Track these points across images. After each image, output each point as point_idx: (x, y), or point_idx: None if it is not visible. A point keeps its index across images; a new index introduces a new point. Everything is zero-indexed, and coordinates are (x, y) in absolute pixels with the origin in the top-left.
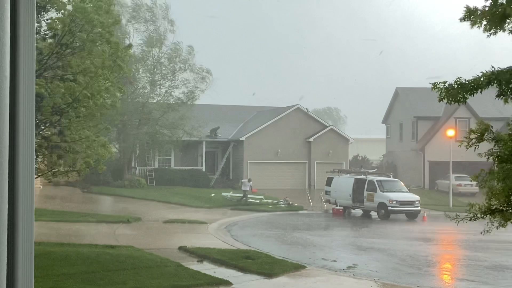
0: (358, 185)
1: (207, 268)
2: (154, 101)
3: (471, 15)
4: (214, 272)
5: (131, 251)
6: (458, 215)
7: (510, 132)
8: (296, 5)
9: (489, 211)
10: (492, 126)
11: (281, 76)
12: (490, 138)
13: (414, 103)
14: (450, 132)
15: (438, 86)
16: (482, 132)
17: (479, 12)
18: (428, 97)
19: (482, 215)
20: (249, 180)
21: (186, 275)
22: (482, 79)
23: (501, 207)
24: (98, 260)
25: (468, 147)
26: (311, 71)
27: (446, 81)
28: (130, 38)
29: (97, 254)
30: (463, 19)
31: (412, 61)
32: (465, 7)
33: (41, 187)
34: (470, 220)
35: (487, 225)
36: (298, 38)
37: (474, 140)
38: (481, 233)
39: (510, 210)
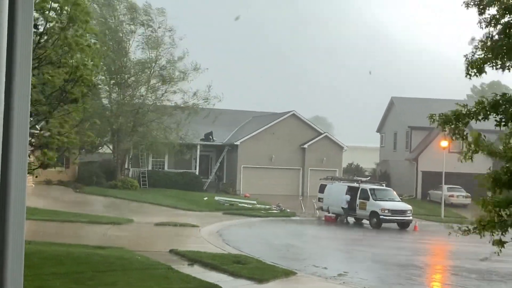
0: (351, 193)
1: (198, 272)
2: (150, 104)
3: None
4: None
5: (121, 252)
6: (452, 226)
7: (504, 146)
8: (293, 13)
9: (481, 226)
10: (485, 136)
11: (275, 82)
12: (484, 149)
13: (408, 113)
14: (444, 143)
15: (434, 118)
16: (475, 141)
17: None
18: (422, 107)
19: (474, 230)
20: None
21: (176, 278)
22: (478, 109)
23: (492, 220)
24: (88, 260)
25: (466, 159)
26: (304, 79)
27: (442, 114)
28: (131, 40)
29: (88, 254)
30: (467, 75)
31: (407, 71)
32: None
33: (33, 185)
34: (462, 234)
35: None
36: (293, 44)
37: (470, 153)
38: (482, 259)
39: (499, 224)
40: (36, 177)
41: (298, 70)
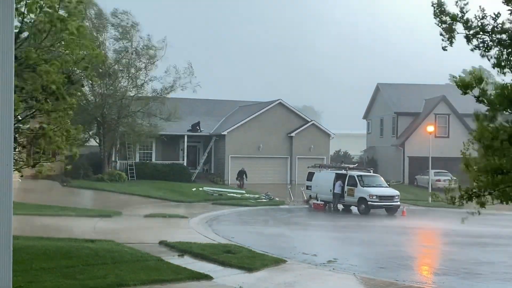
0: (339, 180)
1: (188, 263)
2: (132, 94)
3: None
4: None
5: (111, 245)
6: (437, 195)
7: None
8: (281, 4)
9: (467, 196)
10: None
11: (263, 71)
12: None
13: (394, 99)
14: (430, 128)
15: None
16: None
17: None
18: (408, 93)
19: (461, 200)
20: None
21: (167, 269)
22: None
23: (479, 192)
24: (78, 254)
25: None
26: (291, 67)
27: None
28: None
29: (77, 248)
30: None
31: (394, 58)
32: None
33: (20, 180)
34: (447, 203)
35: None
36: (280, 35)
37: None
38: (462, 220)
39: (487, 195)
40: (41, 172)
41: (285, 60)
